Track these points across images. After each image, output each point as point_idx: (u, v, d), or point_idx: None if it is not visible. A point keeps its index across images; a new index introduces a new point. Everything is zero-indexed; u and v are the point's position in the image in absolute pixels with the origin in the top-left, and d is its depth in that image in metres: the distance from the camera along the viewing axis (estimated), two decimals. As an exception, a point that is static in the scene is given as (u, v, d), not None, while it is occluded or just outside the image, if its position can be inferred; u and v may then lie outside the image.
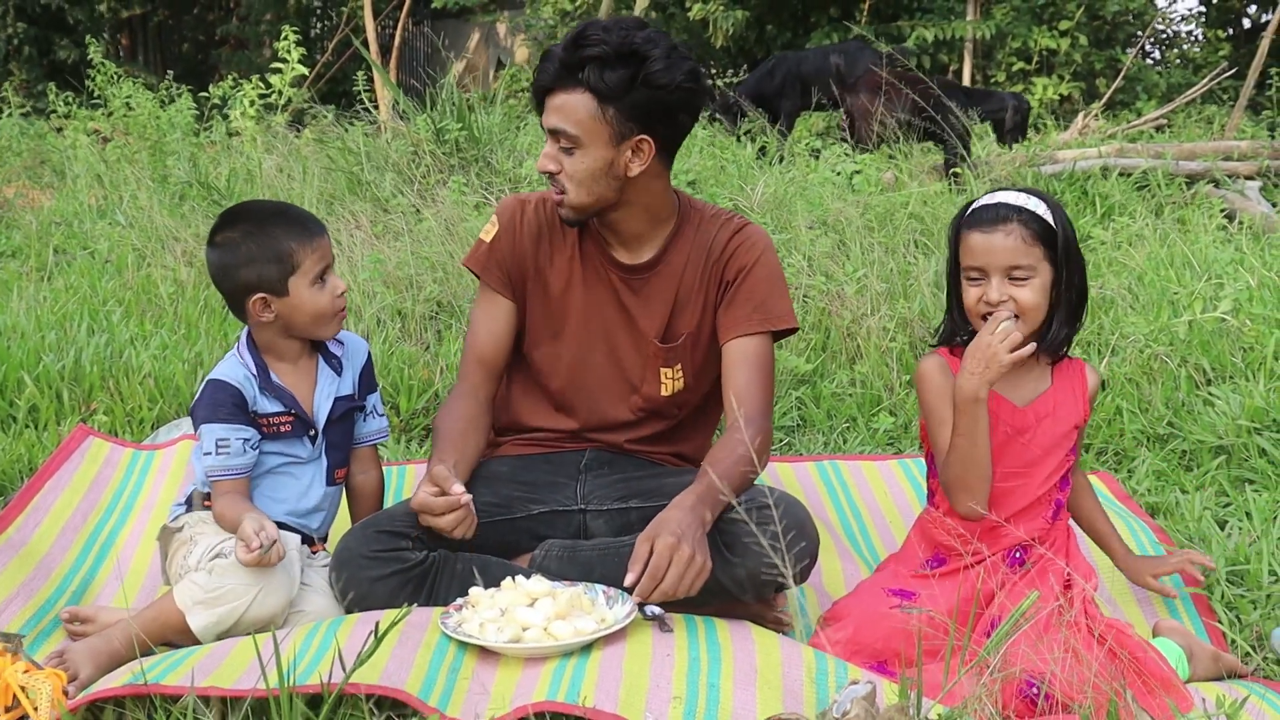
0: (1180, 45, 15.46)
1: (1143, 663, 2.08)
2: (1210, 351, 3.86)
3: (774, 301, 2.49)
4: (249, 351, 2.46)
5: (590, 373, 2.56)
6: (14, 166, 8.71)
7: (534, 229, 2.55)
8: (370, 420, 2.62)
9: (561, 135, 2.35)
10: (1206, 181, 6.66)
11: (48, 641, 2.35)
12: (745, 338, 2.46)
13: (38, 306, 4.57)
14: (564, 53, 2.32)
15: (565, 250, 2.54)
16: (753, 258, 2.50)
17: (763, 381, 2.45)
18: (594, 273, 2.53)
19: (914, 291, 4.56)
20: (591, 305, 2.53)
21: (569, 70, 2.31)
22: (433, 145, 6.26)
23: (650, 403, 2.57)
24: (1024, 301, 2.23)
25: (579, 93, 2.31)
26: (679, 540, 2.06)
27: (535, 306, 2.57)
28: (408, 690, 1.86)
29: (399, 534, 2.30)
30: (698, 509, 2.14)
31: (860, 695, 1.78)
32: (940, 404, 2.33)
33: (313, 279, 2.40)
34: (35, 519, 2.90)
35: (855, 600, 2.32)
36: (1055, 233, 2.24)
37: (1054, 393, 2.34)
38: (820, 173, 6.26)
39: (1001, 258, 2.23)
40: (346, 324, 4.48)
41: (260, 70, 9.16)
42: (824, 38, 12.80)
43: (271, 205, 2.55)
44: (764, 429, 2.38)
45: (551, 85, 2.34)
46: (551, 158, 2.38)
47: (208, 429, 2.38)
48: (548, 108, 2.36)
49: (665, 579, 2.05)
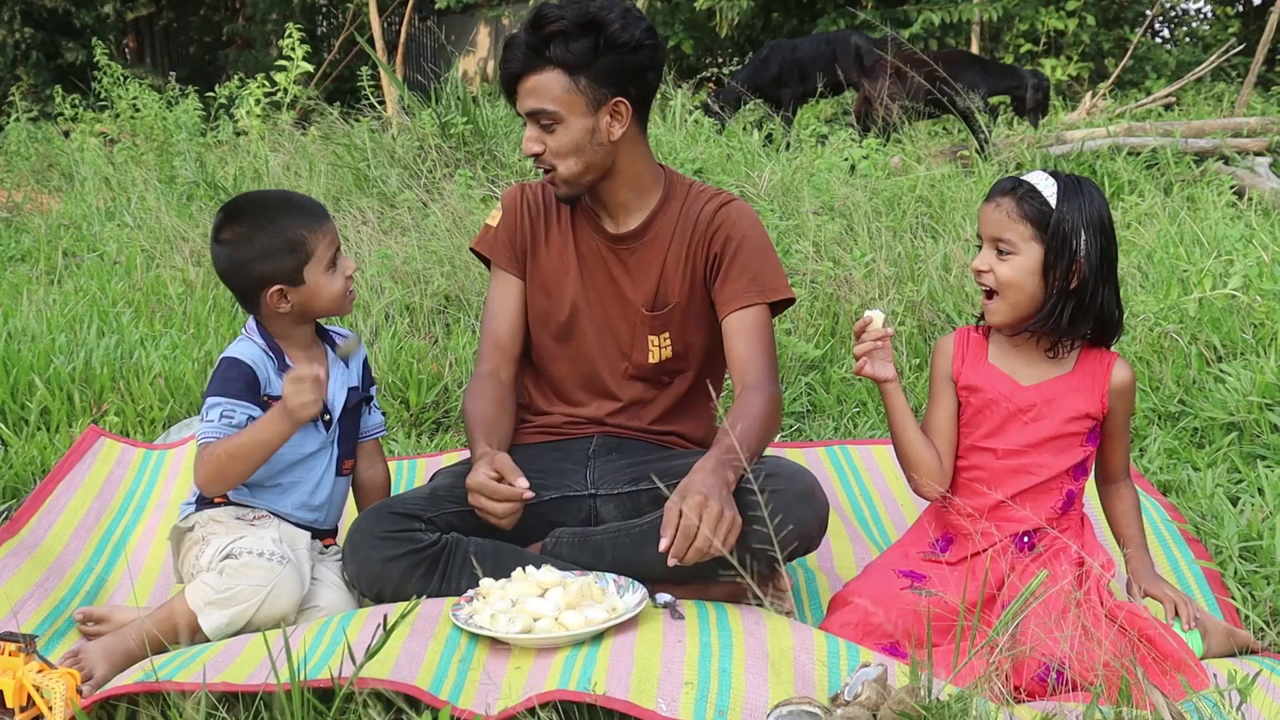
0: (1189, 23, 15.39)
1: (1155, 642, 2.07)
2: (1221, 328, 3.84)
3: (767, 273, 2.52)
4: (261, 336, 2.46)
5: (583, 340, 2.61)
6: (22, 171, 8.75)
7: (531, 209, 2.64)
8: (373, 414, 2.64)
9: (540, 115, 2.40)
10: (1216, 159, 6.62)
11: (62, 642, 2.36)
12: (743, 310, 2.49)
13: (48, 309, 4.59)
14: (527, 36, 2.39)
15: (558, 226, 2.62)
16: (740, 231, 2.53)
17: (765, 349, 2.48)
18: (585, 244, 2.60)
19: (922, 275, 4.55)
20: (583, 275, 2.59)
21: (535, 51, 2.38)
22: (438, 140, 6.27)
23: (639, 370, 2.60)
24: (1000, 276, 2.23)
25: (549, 71, 2.38)
26: (706, 498, 2.08)
27: (534, 282, 2.63)
28: (418, 684, 1.86)
29: (412, 515, 2.32)
30: (719, 470, 2.17)
31: (872, 678, 1.79)
32: (933, 385, 2.38)
33: (326, 264, 2.41)
34: (49, 520, 2.91)
35: (865, 582, 2.31)
36: (1051, 215, 2.19)
37: (1071, 378, 2.29)
38: (826, 158, 6.25)
39: (989, 228, 2.25)
40: (356, 319, 4.50)
41: (267, 69, 9.18)
42: (830, 24, 12.77)
43: (274, 195, 2.55)
44: (773, 392, 2.42)
45: (521, 71, 2.40)
46: (534, 139, 2.44)
47: (214, 400, 2.36)
48: (520, 93, 2.43)
49: (698, 536, 2.06)
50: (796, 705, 1.76)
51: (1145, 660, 2.00)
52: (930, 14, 12.29)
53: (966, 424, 2.34)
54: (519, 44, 2.40)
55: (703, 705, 1.81)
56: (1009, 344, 2.33)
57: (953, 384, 2.35)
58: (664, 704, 1.81)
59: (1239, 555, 2.65)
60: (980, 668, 1.86)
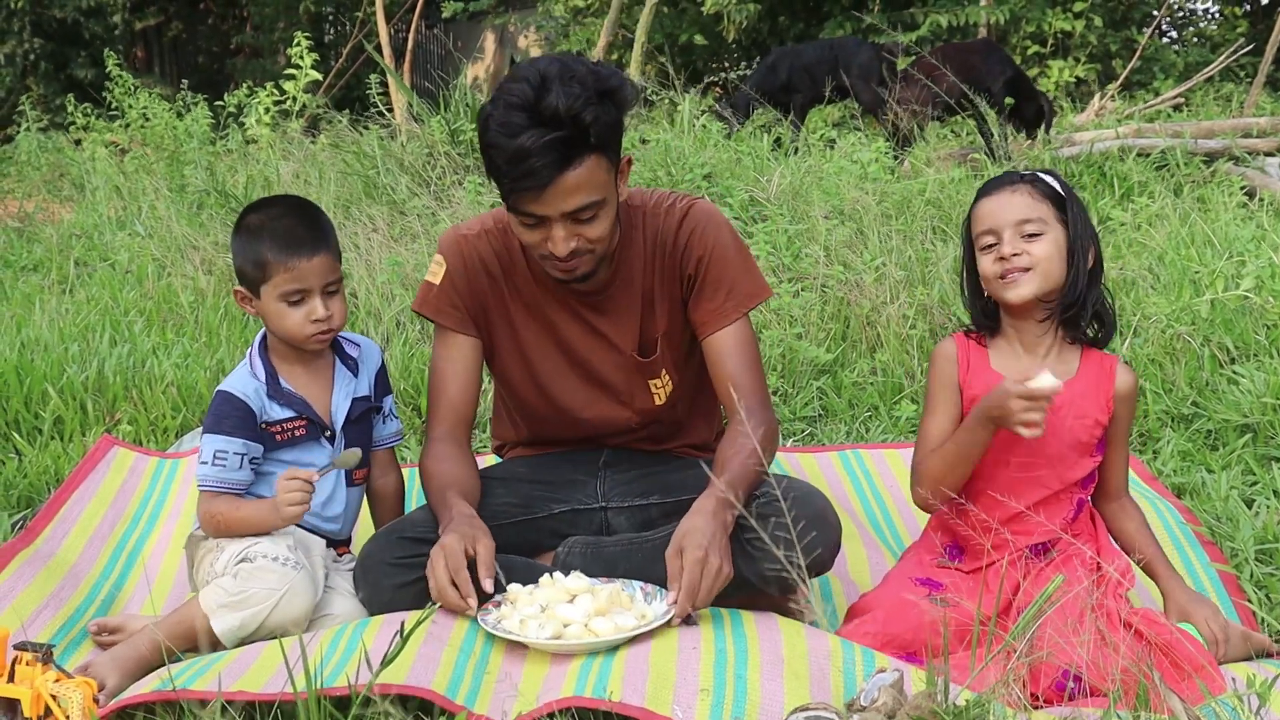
0: (1197, 23, 15.35)
1: (1172, 647, 2.06)
2: (1233, 330, 3.83)
3: (742, 280, 2.41)
4: (260, 356, 2.46)
5: (574, 397, 2.52)
6: (34, 181, 8.78)
7: (484, 265, 2.44)
8: (388, 423, 2.63)
9: (585, 210, 2.18)
10: (1226, 159, 6.60)
11: (78, 651, 2.37)
12: (723, 329, 2.40)
13: (60, 319, 4.61)
14: (562, 131, 2.09)
15: (520, 283, 2.45)
16: (709, 242, 2.40)
17: (752, 366, 2.41)
18: (555, 299, 2.44)
19: (933, 278, 4.54)
20: (560, 334, 2.47)
21: (574, 145, 2.12)
22: (447, 146, 6.27)
23: (646, 415, 2.54)
24: (1037, 254, 2.20)
25: (590, 158, 2.15)
26: (706, 552, 2.08)
27: (503, 343, 2.50)
28: (434, 688, 1.87)
29: (422, 540, 2.28)
30: (719, 514, 2.15)
31: (888, 683, 1.78)
32: (936, 391, 2.32)
33: (281, 295, 2.37)
34: (63, 529, 2.92)
35: (882, 592, 2.30)
36: (1064, 198, 2.23)
37: (1077, 383, 2.27)
38: (836, 163, 6.25)
39: (1011, 213, 2.21)
40: (366, 327, 4.51)
41: (275, 78, 9.20)
42: (837, 27, 12.75)
43: (289, 208, 2.45)
44: (767, 419, 2.36)
45: (560, 172, 2.12)
46: (569, 237, 2.20)
47: (208, 439, 2.39)
48: (555, 195, 2.14)
49: (700, 594, 2.07)
50: (813, 711, 1.76)
51: (1162, 665, 1.99)
52: (937, 16, 12.26)
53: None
54: (552, 145, 2.09)
55: (719, 712, 1.81)
56: (1011, 348, 2.31)
57: (958, 391, 2.30)
58: (680, 711, 1.81)
59: (1255, 558, 2.64)
60: (997, 674, 1.85)
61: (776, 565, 2.06)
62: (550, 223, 2.20)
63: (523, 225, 2.23)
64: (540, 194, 2.14)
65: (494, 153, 2.15)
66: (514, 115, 2.10)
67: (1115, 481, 2.35)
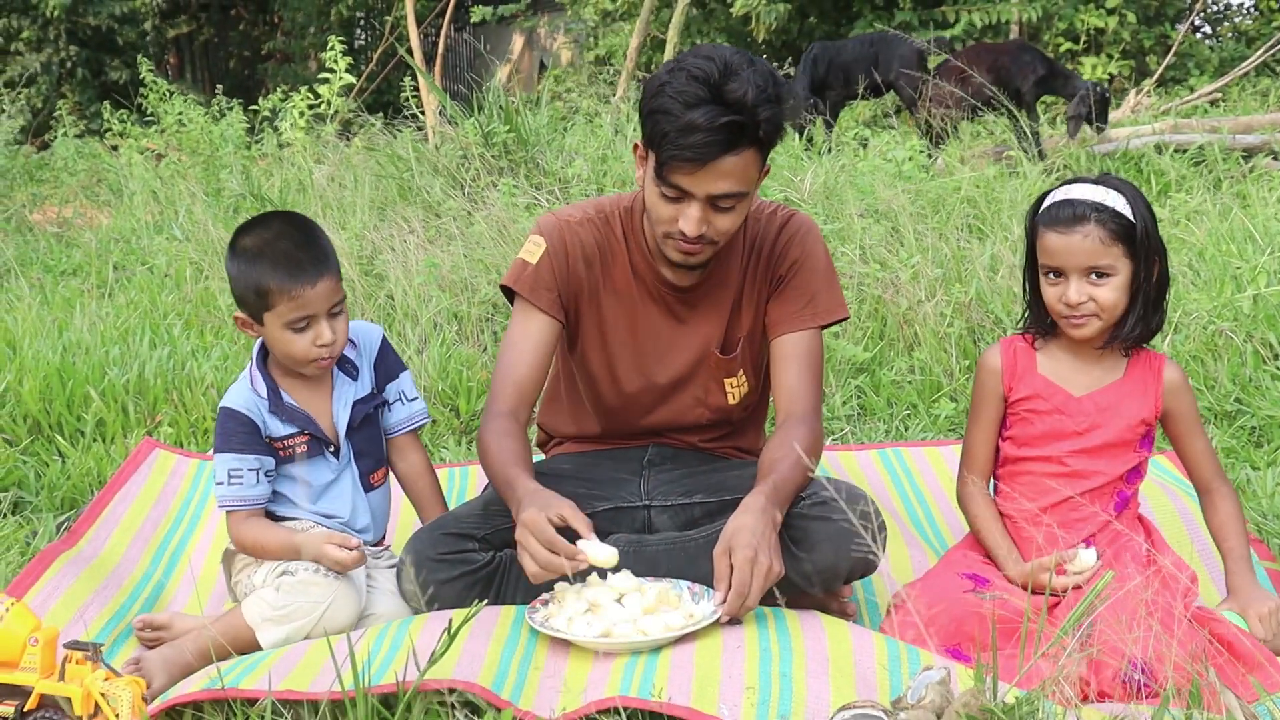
0: (1232, 18, 15.20)
1: (1228, 642, 2.04)
2: (1276, 326, 3.79)
3: (825, 294, 2.45)
4: (259, 370, 2.42)
5: (651, 390, 2.53)
6: (71, 186, 8.86)
7: (585, 252, 2.46)
8: (398, 408, 2.54)
9: (726, 198, 2.22)
10: (1265, 154, 6.53)
11: (123, 648, 2.38)
12: (795, 333, 2.42)
13: (100, 322, 4.64)
14: (737, 116, 2.12)
15: (619, 271, 2.47)
16: (803, 250, 2.45)
17: (813, 378, 2.41)
18: (647, 291, 2.47)
19: (969, 276, 4.52)
20: (647, 325, 2.49)
21: (743, 133, 2.14)
22: (481, 149, 6.28)
23: (719, 413, 2.55)
24: (1103, 301, 2.20)
25: (747, 151, 2.18)
26: (755, 551, 2.06)
27: (589, 330, 2.51)
28: (480, 683, 1.86)
29: (465, 535, 2.30)
30: (768, 511, 2.13)
31: (934, 681, 1.77)
32: (978, 402, 2.37)
33: (287, 323, 2.31)
34: (106, 531, 2.94)
35: (927, 584, 2.29)
36: (1135, 227, 2.19)
37: (1123, 384, 2.29)
38: (870, 161, 6.22)
39: (1080, 259, 2.19)
40: (404, 328, 4.52)
41: (306, 83, 9.25)
42: (867, 26, 12.69)
43: (285, 228, 2.37)
44: (815, 428, 2.36)
45: (722, 153, 2.15)
46: (702, 220, 2.23)
47: (220, 459, 2.36)
48: (707, 176, 2.17)
49: (750, 593, 2.05)
50: (859, 709, 1.75)
51: (1218, 662, 1.97)
52: (970, 15, 12.20)
53: (1021, 435, 2.33)
54: (726, 127, 2.12)
55: (765, 710, 1.80)
56: (1061, 353, 2.32)
57: (1002, 402, 2.34)
58: (726, 709, 1.80)
59: (1303, 555, 2.61)
60: (1048, 670, 1.83)
61: (832, 559, 2.12)
62: (692, 201, 2.22)
63: (663, 197, 2.24)
64: (696, 170, 2.16)
65: (663, 118, 2.16)
66: (695, 88, 2.13)
67: (1200, 472, 2.35)
